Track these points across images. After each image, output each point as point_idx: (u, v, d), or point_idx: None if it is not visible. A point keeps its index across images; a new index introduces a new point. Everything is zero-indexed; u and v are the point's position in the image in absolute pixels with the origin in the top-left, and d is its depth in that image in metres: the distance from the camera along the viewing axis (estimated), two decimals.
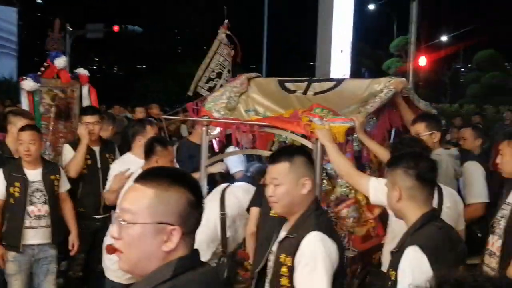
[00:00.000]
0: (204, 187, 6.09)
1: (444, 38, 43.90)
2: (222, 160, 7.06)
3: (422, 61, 27.42)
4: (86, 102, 8.24)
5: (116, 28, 28.45)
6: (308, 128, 5.24)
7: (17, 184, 6.27)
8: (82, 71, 8.37)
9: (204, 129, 6.14)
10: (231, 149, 7.00)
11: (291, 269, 3.57)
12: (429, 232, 3.54)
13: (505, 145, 4.74)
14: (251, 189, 6.24)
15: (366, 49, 42.09)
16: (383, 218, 6.04)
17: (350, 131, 5.37)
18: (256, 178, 6.37)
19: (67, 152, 7.18)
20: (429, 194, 3.70)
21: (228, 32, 8.46)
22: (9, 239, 6.29)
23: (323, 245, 3.53)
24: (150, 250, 2.21)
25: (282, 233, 3.83)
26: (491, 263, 4.70)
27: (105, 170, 7.00)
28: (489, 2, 45.78)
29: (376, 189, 4.64)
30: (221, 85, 8.51)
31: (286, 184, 3.74)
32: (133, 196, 2.28)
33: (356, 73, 23.39)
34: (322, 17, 14.04)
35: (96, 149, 7.25)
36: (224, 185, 6.40)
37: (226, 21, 8.49)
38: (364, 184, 4.82)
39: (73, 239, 6.68)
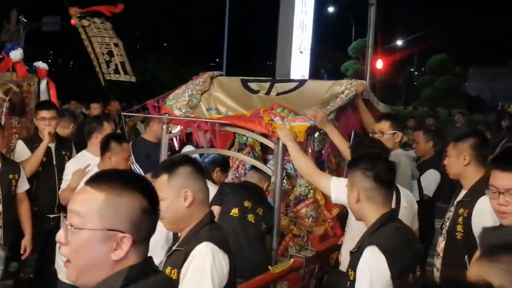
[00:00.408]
0: None
1: (399, 42, 44.56)
2: None
3: (379, 64, 27.70)
4: (44, 97, 7.90)
5: (73, 21, 28.05)
6: (270, 127, 5.27)
7: None
8: (41, 65, 8.01)
9: (164, 127, 6.12)
10: (188, 148, 6.96)
11: (175, 283, 3.26)
12: (387, 233, 3.59)
13: (450, 147, 4.82)
14: None
15: (325, 51, 42.36)
16: (341, 217, 6.12)
17: (311, 130, 5.42)
18: (210, 169, 6.24)
19: (20, 148, 6.91)
20: (387, 195, 3.75)
21: (80, 13, 8.47)
22: None
23: (213, 257, 3.30)
24: (98, 257, 2.07)
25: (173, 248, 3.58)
26: (437, 264, 4.81)
27: (61, 168, 6.66)
28: (442, 10, 46.78)
29: (337, 189, 4.70)
30: (120, 62, 8.58)
31: (167, 198, 3.45)
32: (83, 198, 2.14)
33: (315, 74, 23.55)
34: (283, 18, 14.14)
35: (52, 146, 6.89)
36: None
37: (72, 8, 8.54)
38: (325, 184, 4.87)
39: (26, 243, 6.34)
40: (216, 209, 5.62)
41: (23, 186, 6.37)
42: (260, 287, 5.04)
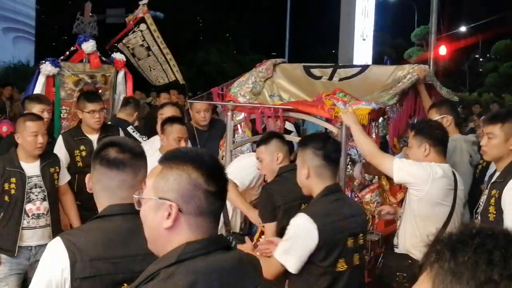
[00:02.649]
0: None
1: (463, 29, 43.90)
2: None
3: (442, 50, 27.35)
4: (120, 88, 8.17)
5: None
6: (332, 112, 5.27)
7: (13, 179, 5.59)
8: (118, 56, 8.30)
9: (229, 114, 6.21)
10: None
11: None
12: (323, 202, 3.96)
13: (497, 128, 4.58)
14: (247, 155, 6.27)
15: (387, 38, 42.02)
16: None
17: (374, 114, 5.38)
18: None
19: None
20: (333, 171, 4.08)
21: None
22: (3, 241, 5.59)
23: None
24: (154, 226, 2.22)
25: None
26: None
27: None
28: None
29: (400, 169, 4.73)
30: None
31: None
32: (150, 173, 2.35)
33: (378, 61, 23.37)
34: (345, 5, 14.08)
35: (94, 138, 6.65)
36: None
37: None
38: (387, 164, 4.84)
39: None
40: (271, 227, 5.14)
41: (65, 177, 6.12)
42: None
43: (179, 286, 2.05)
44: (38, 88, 7.54)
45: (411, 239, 4.77)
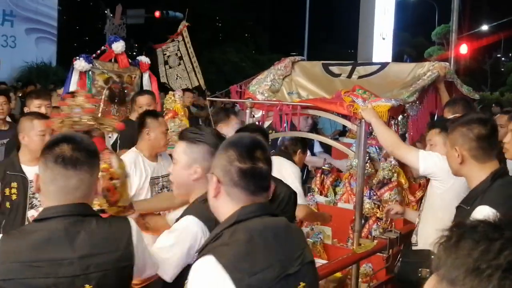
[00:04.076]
0: None
1: (484, 27, 43.49)
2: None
3: (463, 49, 27.07)
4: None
5: (157, 14, 28.40)
6: (351, 108, 5.22)
7: (14, 184, 5.19)
8: (143, 59, 8.35)
9: (247, 111, 6.21)
10: None
11: None
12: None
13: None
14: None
15: (407, 37, 41.80)
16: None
17: (393, 111, 5.32)
18: (291, 150, 6.20)
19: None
20: None
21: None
22: None
23: None
24: (209, 196, 2.67)
25: None
26: None
27: None
28: None
29: (426, 160, 4.68)
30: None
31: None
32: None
33: (397, 60, 23.32)
34: (364, 4, 14.04)
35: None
36: None
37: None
38: (413, 156, 4.78)
39: None
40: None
41: None
42: (343, 267, 5.05)
43: (240, 239, 2.45)
44: (73, 84, 7.59)
45: (433, 234, 4.67)
